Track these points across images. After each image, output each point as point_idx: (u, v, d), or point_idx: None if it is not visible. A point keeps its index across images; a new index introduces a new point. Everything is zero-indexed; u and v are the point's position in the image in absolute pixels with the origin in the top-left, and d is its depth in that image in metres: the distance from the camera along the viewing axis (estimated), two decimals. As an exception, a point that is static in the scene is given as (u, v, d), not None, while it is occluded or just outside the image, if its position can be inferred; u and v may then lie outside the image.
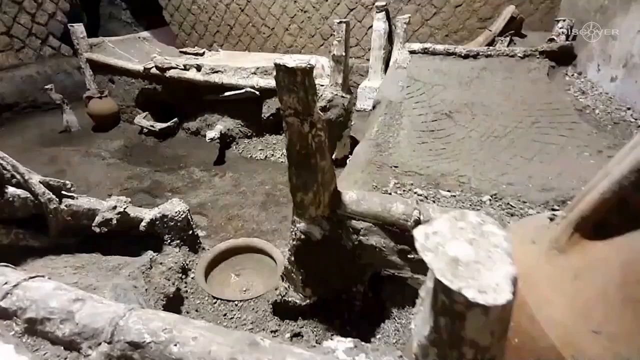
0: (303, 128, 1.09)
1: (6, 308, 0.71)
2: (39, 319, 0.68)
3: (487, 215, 0.41)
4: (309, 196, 1.21)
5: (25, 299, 0.71)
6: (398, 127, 2.43)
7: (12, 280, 0.76)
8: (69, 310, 0.68)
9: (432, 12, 5.01)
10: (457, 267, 0.33)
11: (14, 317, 0.71)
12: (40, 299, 0.71)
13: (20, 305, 0.70)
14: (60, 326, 0.66)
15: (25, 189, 1.21)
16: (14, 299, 0.72)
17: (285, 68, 1.02)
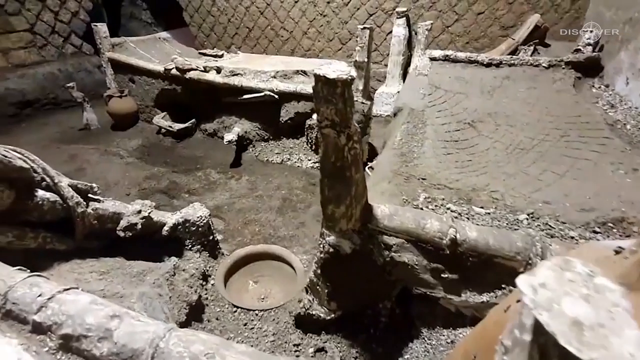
0: (339, 140, 1.06)
1: (40, 322, 0.68)
2: (75, 335, 0.66)
3: (593, 266, 0.37)
4: (340, 209, 1.17)
5: (61, 313, 0.69)
6: (422, 136, 2.38)
7: (46, 292, 0.74)
8: (107, 328, 0.65)
9: (454, 18, 4.95)
10: (582, 332, 0.29)
11: (48, 332, 0.68)
12: (76, 314, 0.68)
13: (55, 320, 0.68)
14: (98, 345, 0.64)
15: (55, 192, 1.20)
16: (48, 313, 0.69)
17: (325, 79, 0.98)
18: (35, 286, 0.75)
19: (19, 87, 4.18)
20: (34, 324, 0.69)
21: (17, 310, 0.72)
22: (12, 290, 0.74)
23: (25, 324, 0.71)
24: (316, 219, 2.83)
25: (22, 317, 0.71)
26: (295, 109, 3.58)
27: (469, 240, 1.14)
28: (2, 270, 0.80)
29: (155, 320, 0.69)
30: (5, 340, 0.64)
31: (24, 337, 0.69)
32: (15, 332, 0.70)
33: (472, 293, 1.18)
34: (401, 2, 5.06)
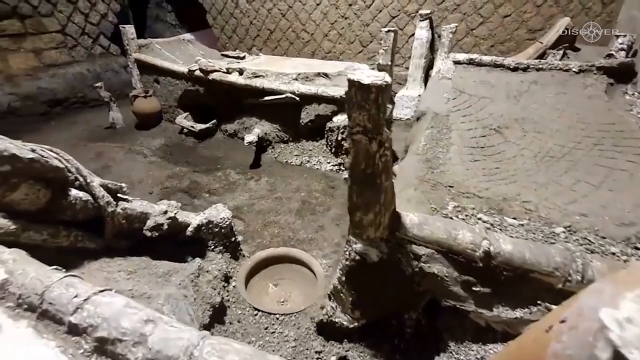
0: (371, 147, 1.03)
1: (76, 324, 0.69)
2: (110, 339, 0.66)
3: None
4: (368, 217, 1.14)
5: (96, 315, 0.69)
6: (447, 142, 2.33)
7: (82, 294, 0.74)
8: (142, 333, 0.65)
9: (478, 21, 4.84)
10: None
11: (83, 334, 0.69)
12: (111, 317, 0.68)
13: (91, 322, 0.68)
14: (133, 349, 0.63)
15: (87, 191, 1.23)
16: (84, 315, 0.70)
17: (359, 84, 0.96)
18: (71, 287, 0.76)
19: (50, 87, 4.34)
20: (70, 326, 0.70)
21: (53, 310, 0.73)
22: (49, 290, 0.75)
23: (61, 324, 0.72)
24: (335, 223, 2.81)
25: (58, 318, 0.72)
26: (316, 111, 3.57)
27: (503, 253, 1.09)
28: (39, 269, 0.81)
29: (188, 326, 0.69)
30: (43, 342, 0.65)
31: (60, 338, 0.69)
32: (51, 332, 0.71)
33: (505, 308, 1.14)
34: (424, 5, 4.99)
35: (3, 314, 0.71)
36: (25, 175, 0.99)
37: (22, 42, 4.21)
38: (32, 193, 1.02)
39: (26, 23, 4.21)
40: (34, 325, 0.69)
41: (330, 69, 3.76)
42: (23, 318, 0.73)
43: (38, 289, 0.75)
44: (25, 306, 0.75)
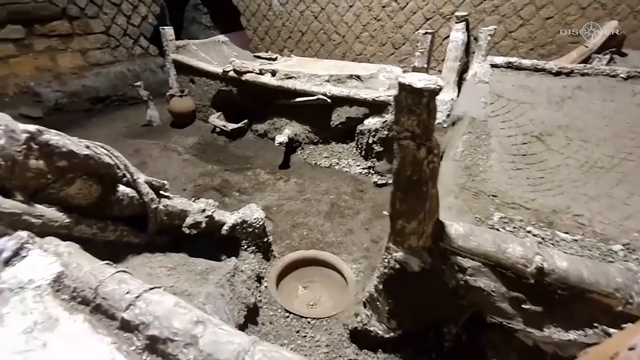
0: (419, 153, 1.00)
1: (129, 321, 0.70)
2: (162, 338, 0.66)
3: None
4: (411, 225, 1.11)
5: (148, 313, 0.70)
6: (487, 148, 2.24)
7: (134, 290, 0.76)
8: (193, 335, 0.65)
9: (518, 23, 4.66)
10: None
11: (135, 330, 0.70)
12: (163, 316, 0.69)
13: (142, 320, 0.69)
14: (184, 350, 0.64)
15: (133, 188, 1.26)
16: (136, 312, 0.71)
17: (411, 88, 0.93)
18: (123, 283, 0.77)
19: (94, 85, 4.56)
20: (123, 322, 0.71)
21: (106, 305, 0.74)
22: (102, 285, 0.76)
23: (113, 320, 0.73)
24: (364, 227, 2.77)
25: (111, 313, 0.73)
26: (347, 113, 3.55)
27: (558, 270, 1.02)
28: (92, 263, 0.84)
29: (236, 330, 0.68)
30: (98, 337, 0.66)
31: (113, 334, 0.70)
32: (104, 327, 0.72)
33: (557, 329, 1.06)
34: (461, 6, 4.86)
35: (59, 307, 0.73)
36: (80, 171, 1.02)
37: (70, 42, 4.45)
38: (85, 188, 1.05)
39: (74, 24, 4.45)
40: (89, 320, 0.71)
41: (362, 71, 3.72)
42: (77, 311, 0.75)
43: (92, 283, 0.77)
44: (79, 299, 0.77)
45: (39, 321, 0.68)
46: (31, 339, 0.64)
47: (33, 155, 0.88)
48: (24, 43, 4.09)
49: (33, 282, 0.76)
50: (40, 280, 0.77)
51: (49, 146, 0.91)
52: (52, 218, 0.93)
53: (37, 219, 0.88)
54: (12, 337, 0.64)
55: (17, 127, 0.84)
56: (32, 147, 0.87)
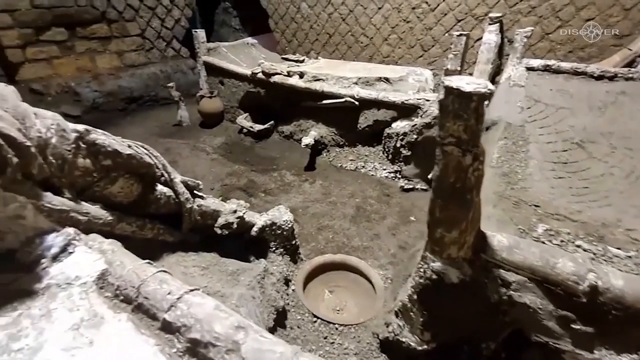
0: (464, 160, 0.95)
1: (170, 322, 0.70)
2: (203, 342, 0.66)
3: None
4: (452, 234, 1.06)
5: (189, 315, 0.70)
6: (525, 155, 2.14)
7: (175, 291, 0.76)
8: (234, 340, 0.64)
9: (556, 25, 4.45)
10: None
11: (176, 332, 0.69)
12: (204, 319, 0.68)
13: (184, 322, 0.69)
14: (226, 357, 0.63)
15: (170, 187, 1.28)
16: (178, 314, 0.71)
17: (458, 92, 0.89)
18: (165, 283, 0.78)
19: (128, 85, 4.74)
20: (164, 323, 0.71)
21: (148, 305, 0.75)
22: (145, 284, 0.77)
23: (155, 320, 0.73)
24: (391, 233, 2.71)
25: (152, 313, 0.74)
26: (375, 116, 3.50)
27: (613, 289, 0.95)
28: (135, 262, 0.85)
29: (278, 339, 0.67)
30: (143, 338, 0.67)
31: (154, 334, 0.71)
32: (146, 327, 0.73)
33: (609, 351, 0.99)
34: (495, 7, 4.70)
35: (103, 304, 0.74)
36: (123, 170, 1.05)
37: (108, 45, 4.65)
38: (127, 187, 1.08)
39: (112, 27, 4.65)
40: (132, 319, 0.71)
41: (391, 73, 3.67)
42: (120, 309, 0.75)
43: (134, 282, 0.78)
44: (121, 297, 0.78)
45: (85, 318, 0.69)
46: (78, 336, 0.65)
47: (81, 154, 0.90)
48: (67, 45, 4.31)
49: (79, 279, 0.78)
50: (86, 277, 0.78)
51: (96, 145, 0.94)
52: (97, 215, 0.95)
53: (83, 216, 0.90)
54: (60, 333, 0.66)
55: (67, 127, 0.87)
56: (80, 146, 0.90)
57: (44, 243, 0.80)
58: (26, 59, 4.07)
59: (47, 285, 0.75)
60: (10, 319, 0.69)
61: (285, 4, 5.89)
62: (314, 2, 5.64)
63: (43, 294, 0.74)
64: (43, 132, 0.79)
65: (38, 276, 0.77)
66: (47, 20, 4.10)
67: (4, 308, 0.71)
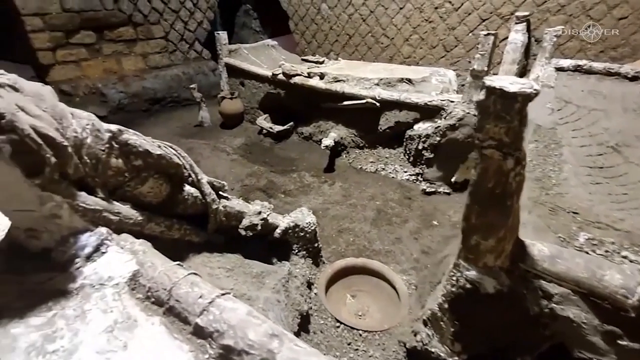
0: (505, 164, 0.90)
1: (203, 327, 0.68)
2: (237, 349, 0.64)
3: None
4: (489, 242, 1.01)
5: (222, 321, 0.68)
6: (558, 159, 2.04)
7: (206, 295, 0.74)
8: (269, 349, 0.62)
9: (587, 24, 4.28)
10: None
11: (209, 337, 0.68)
12: (237, 325, 0.67)
13: (217, 327, 0.67)
14: (260, 365, 0.61)
15: (197, 188, 1.28)
16: (210, 318, 0.69)
17: (501, 92, 0.84)
18: (196, 286, 0.76)
19: (152, 87, 4.85)
20: (196, 327, 0.69)
21: (179, 308, 0.73)
22: (176, 287, 0.76)
23: (186, 324, 0.72)
24: (413, 237, 2.65)
25: (184, 317, 0.72)
26: (396, 118, 3.44)
27: (668, 305, 0.88)
28: (165, 263, 0.84)
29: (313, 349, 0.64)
30: (176, 343, 0.65)
31: (186, 339, 0.69)
32: (177, 330, 0.71)
33: (662, 373, 0.91)
34: (522, 6, 4.57)
35: (136, 307, 0.73)
36: (153, 170, 1.04)
37: (133, 47, 4.77)
38: (156, 187, 1.08)
39: (138, 30, 4.76)
40: (165, 323, 0.70)
41: (413, 74, 3.60)
42: (153, 312, 0.74)
43: (166, 284, 0.77)
44: (152, 299, 0.78)
45: (118, 320, 0.68)
46: (112, 338, 0.64)
47: (114, 154, 0.91)
48: (95, 47, 4.44)
49: (112, 280, 0.77)
50: (118, 277, 0.78)
51: (128, 145, 0.94)
52: (128, 215, 0.95)
53: (115, 216, 0.90)
54: (94, 335, 0.65)
55: (101, 127, 0.87)
56: (113, 146, 0.90)
57: (78, 242, 0.80)
58: (56, 61, 4.21)
59: (81, 285, 0.75)
60: (45, 319, 0.69)
61: (306, 5, 5.90)
62: (334, 3, 5.62)
63: (77, 294, 0.74)
64: (79, 132, 0.80)
65: (72, 276, 0.77)
66: (76, 24, 4.24)
67: (39, 308, 0.71)
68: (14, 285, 0.76)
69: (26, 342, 0.63)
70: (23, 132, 0.64)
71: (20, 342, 0.63)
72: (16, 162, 0.66)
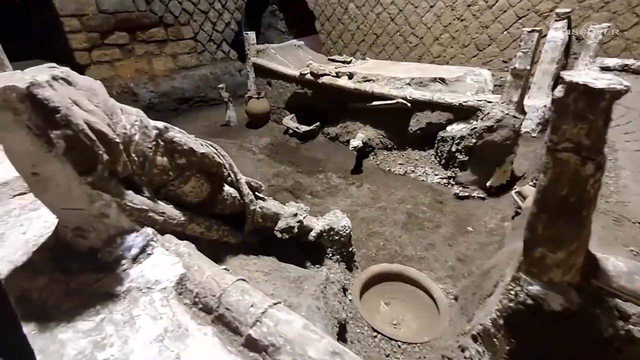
0: (584, 170, 0.81)
1: (256, 340, 0.63)
2: (296, 367, 0.58)
3: None
4: (557, 255, 0.91)
5: (278, 334, 0.62)
6: (613, 164, 1.89)
7: (257, 304, 0.69)
8: (333, 370, 0.56)
9: (633, 21, 4.03)
10: None
11: (263, 352, 0.63)
12: (294, 340, 0.61)
13: (272, 341, 0.62)
14: (324, 388, 0.55)
15: (236, 188, 1.24)
16: (264, 330, 0.64)
17: (585, 88, 0.75)
18: (246, 293, 0.72)
19: (181, 86, 4.93)
20: (249, 339, 0.64)
21: (229, 317, 0.69)
22: (226, 294, 0.71)
23: (237, 334, 0.67)
24: (447, 243, 2.53)
25: (234, 327, 0.68)
26: (428, 119, 3.33)
27: None
28: (212, 267, 0.80)
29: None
30: (232, 358, 0.60)
31: (239, 351, 0.64)
32: (228, 341, 0.67)
33: None
34: (562, 3, 4.34)
35: (185, 314, 0.69)
36: (195, 169, 1.01)
37: (164, 48, 4.86)
38: (198, 186, 1.04)
39: (169, 31, 4.85)
40: (217, 334, 0.65)
41: (446, 74, 3.47)
42: (200, 319, 0.70)
43: (215, 290, 0.72)
44: (200, 306, 0.73)
45: (169, 329, 0.64)
46: (164, 349, 0.60)
47: (159, 151, 0.87)
48: (127, 48, 4.55)
49: (159, 283, 0.74)
50: (165, 281, 0.74)
51: (173, 143, 0.90)
52: (171, 215, 0.92)
53: (159, 216, 0.87)
54: (145, 344, 0.61)
55: (149, 123, 0.84)
56: (159, 144, 0.87)
57: (125, 243, 0.77)
58: (92, 61, 4.34)
59: (128, 288, 0.72)
60: (94, 324, 0.65)
61: (333, 5, 5.85)
62: (361, 3, 5.54)
63: (124, 297, 0.71)
64: (128, 128, 0.77)
65: (119, 278, 0.73)
66: (111, 25, 4.36)
67: (86, 311, 0.68)
68: (62, 284, 0.74)
69: (75, 349, 0.60)
70: (77, 128, 0.61)
71: (69, 348, 0.60)
72: (68, 158, 0.64)
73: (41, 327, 0.65)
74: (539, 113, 4.12)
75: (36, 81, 0.58)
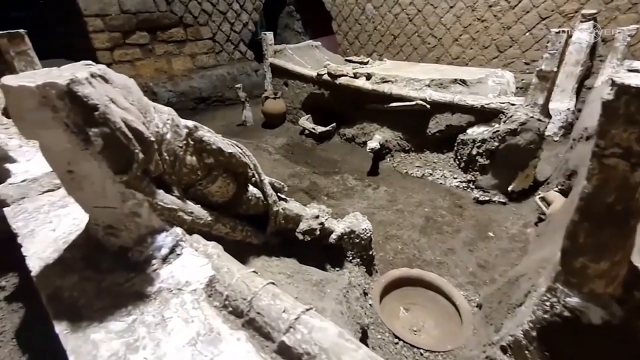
0: (633, 177, 0.76)
1: (290, 347, 0.61)
2: (333, 377, 0.56)
3: None
4: (600, 265, 0.86)
5: (313, 342, 0.60)
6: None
7: (289, 309, 0.67)
8: (373, 382, 0.53)
9: (664, 22, 3.88)
10: None
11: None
12: (330, 349, 0.59)
13: (307, 349, 0.60)
14: (363, 401, 0.52)
15: (259, 188, 1.23)
16: (298, 338, 0.62)
17: (637, 91, 0.70)
18: (277, 298, 0.70)
19: (199, 86, 4.98)
20: (282, 346, 0.62)
21: (261, 322, 0.67)
22: (257, 297, 0.70)
23: (268, 340, 0.65)
24: (468, 249, 2.47)
25: (266, 332, 0.66)
26: (448, 121, 3.27)
27: None
28: (241, 270, 0.78)
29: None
30: (266, 367, 0.59)
31: (271, 358, 0.62)
32: (259, 346, 0.65)
33: None
34: (587, 3, 4.22)
35: (217, 317, 0.68)
36: (222, 169, 1.00)
37: (183, 48, 4.93)
38: (224, 186, 1.03)
39: (188, 31, 4.91)
40: (250, 340, 0.64)
41: (467, 75, 3.40)
42: (233, 323, 0.69)
43: (245, 293, 0.71)
44: (230, 309, 0.72)
45: (201, 333, 0.63)
46: (197, 353, 0.59)
47: (189, 150, 0.87)
48: (148, 48, 4.63)
49: (189, 285, 0.73)
50: (195, 283, 0.73)
51: (202, 142, 0.90)
52: (199, 215, 0.91)
53: (188, 215, 0.86)
54: (178, 348, 0.60)
55: (180, 122, 0.83)
56: (189, 143, 0.86)
57: (155, 243, 0.77)
58: (113, 61, 4.43)
59: (159, 289, 0.71)
60: (126, 325, 0.65)
61: (350, 5, 5.82)
62: (379, 3, 5.50)
63: (155, 298, 0.70)
64: (160, 126, 0.76)
65: (149, 278, 0.73)
66: (132, 25, 4.44)
67: (118, 311, 0.67)
68: (93, 283, 0.73)
69: (108, 351, 0.59)
70: (115, 126, 0.61)
71: (102, 350, 0.59)
72: (105, 157, 0.63)
73: (73, 326, 0.64)
74: (562, 116, 4.01)
75: (76, 78, 0.58)
